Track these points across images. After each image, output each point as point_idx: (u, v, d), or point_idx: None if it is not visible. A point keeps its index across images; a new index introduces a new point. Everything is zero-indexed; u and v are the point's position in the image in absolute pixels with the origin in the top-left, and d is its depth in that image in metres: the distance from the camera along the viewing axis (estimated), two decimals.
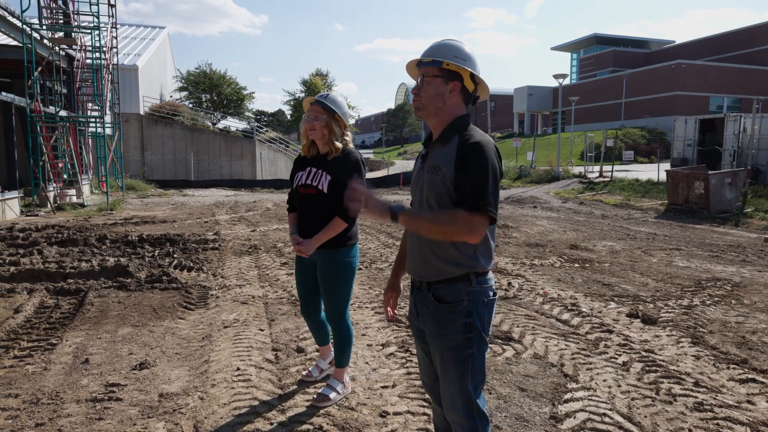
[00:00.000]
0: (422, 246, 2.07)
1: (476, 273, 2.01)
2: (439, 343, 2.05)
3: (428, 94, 2.04)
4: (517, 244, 9.05)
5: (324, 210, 3.02)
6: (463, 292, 2.00)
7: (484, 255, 2.01)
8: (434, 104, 2.04)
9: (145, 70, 31.17)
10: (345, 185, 2.92)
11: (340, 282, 3.07)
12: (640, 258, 7.92)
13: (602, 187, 19.52)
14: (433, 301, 2.04)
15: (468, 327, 2.00)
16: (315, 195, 3.03)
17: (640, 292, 5.90)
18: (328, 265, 3.07)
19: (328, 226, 2.99)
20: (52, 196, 14.82)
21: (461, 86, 2.03)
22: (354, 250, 3.13)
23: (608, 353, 4.01)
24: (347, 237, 3.07)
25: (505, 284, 6.13)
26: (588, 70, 63.69)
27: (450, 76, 2.02)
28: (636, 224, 11.86)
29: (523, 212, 14.18)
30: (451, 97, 2.03)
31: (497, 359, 3.89)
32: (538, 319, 4.81)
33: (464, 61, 2.02)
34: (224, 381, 3.49)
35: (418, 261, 2.10)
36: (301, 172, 3.16)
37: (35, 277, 6.56)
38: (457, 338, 2.00)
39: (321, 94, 3.12)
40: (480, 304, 2.02)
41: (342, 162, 3.02)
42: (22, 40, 14.38)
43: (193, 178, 28.18)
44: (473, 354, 2.01)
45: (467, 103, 2.09)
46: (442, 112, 2.05)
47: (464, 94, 2.06)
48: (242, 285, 6.09)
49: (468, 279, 2.00)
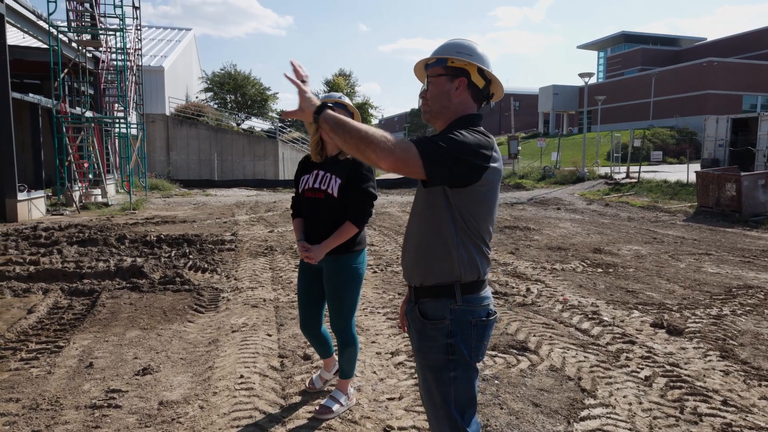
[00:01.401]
0: (412, 248, 1.94)
1: (462, 285, 1.84)
2: (420, 360, 1.92)
3: (433, 93, 1.90)
4: (539, 248, 8.81)
5: (333, 215, 2.88)
6: (446, 309, 1.84)
7: (464, 263, 1.83)
8: (439, 103, 1.89)
9: (171, 72, 31.58)
10: (356, 189, 2.80)
11: (346, 289, 2.94)
12: (667, 263, 7.62)
13: (629, 189, 19.03)
14: (418, 315, 1.91)
15: (449, 348, 1.84)
16: (324, 199, 2.89)
17: (666, 299, 5.63)
18: (335, 272, 2.94)
19: (338, 232, 2.85)
20: (78, 195, 15.06)
21: (468, 82, 1.88)
22: (361, 256, 3.00)
23: (630, 366, 3.79)
24: (355, 242, 2.94)
25: (524, 290, 5.92)
26: (615, 69, 62.46)
27: (455, 73, 1.88)
28: (663, 227, 11.47)
29: (546, 214, 13.87)
30: (458, 94, 1.88)
31: (511, 371, 3.71)
32: (556, 328, 4.61)
33: (470, 56, 1.87)
34: (226, 389, 3.39)
35: (405, 259, 1.98)
36: (306, 175, 3.02)
37: (52, 276, 6.60)
38: (437, 359, 1.85)
39: (332, 94, 2.99)
40: (466, 325, 1.84)
41: (353, 164, 2.88)
42: (48, 43, 14.65)
43: (217, 178, 28.46)
44: (456, 378, 1.84)
45: (478, 101, 1.93)
46: (447, 111, 1.90)
47: (473, 90, 1.90)
48: (254, 287, 6.02)
49: (453, 294, 1.84)
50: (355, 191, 2.85)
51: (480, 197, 1.81)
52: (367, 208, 2.87)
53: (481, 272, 1.88)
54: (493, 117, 69.55)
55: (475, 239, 1.84)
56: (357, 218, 2.85)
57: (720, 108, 39.03)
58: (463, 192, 1.77)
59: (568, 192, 19.95)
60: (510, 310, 5.16)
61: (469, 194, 1.78)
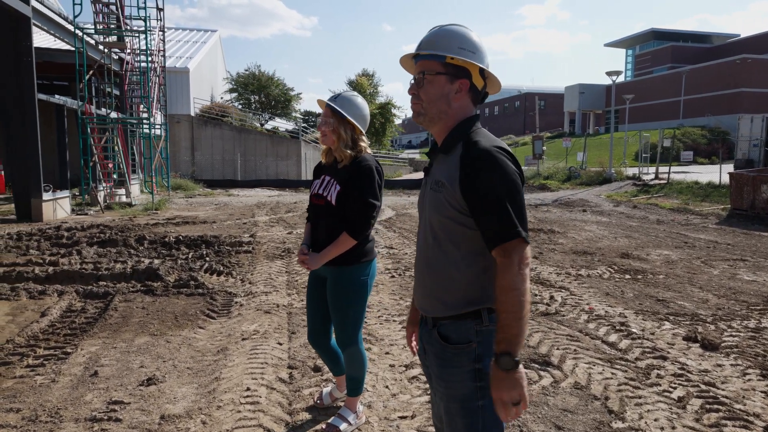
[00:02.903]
0: (425, 275, 1.73)
1: (489, 309, 1.66)
2: (444, 390, 1.71)
3: (430, 95, 1.67)
4: (563, 252, 8.51)
5: (332, 223, 2.72)
6: (472, 331, 1.65)
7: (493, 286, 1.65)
8: (437, 107, 1.67)
9: (196, 73, 31.89)
10: (355, 198, 2.64)
11: (351, 303, 2.76)
12: (700, 269, 7.25)
13: (658, 190, 18.45)
14: (438, 339, 1.70)
15: (477, 374, 1.65)
16: (324, 206, 2.75)
17: (699, 310, 5.32)
18: (339, 284, 2.77)
19: (336, 242, 2.69)
20: (102, 195, 15.23)
21: (470, 84, 1.66)
22: (368, 268, 2.81)
23: (661, 385, 3.53)
24: (361, 253, 2.76)
25: (547, 298, 5.67)
26: (644, 67, 61.03)
27: (456, 72, 1.65)
28: (695, 231, 11.01)
29: (572, 216, 13.49)
30: (458, 98, 1.67)
31: (533, 387, 3.48)
32: (581, 341, 4.36)
33: (473, 54, 1.64)
34: (231, 403, 3.25)
35: (421, 292, 1.77)
36: (317, 180, 2.90)
37: (69, 278, 6.59)
38: (464, 387, 1.66)
39: (333, 94, 2.80)
40: (494, 347, 1.67)
41: (352, 171, 2.71)
42: (74, 45, 14.84)
43: (240, 178, 28.62)
44: (484, 406, 1.64)
45: (476, 103, 1.72)
46: (446, 117, 1.68)
47: (473, 93, 1.69)
48: (269, 292, 5.89)
49: (479, 316, 1.65)
50: (354, 200, 2.68)
51: None
52: (365, 219, 2.67)
53: None
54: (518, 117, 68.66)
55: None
56: (353, 229, 2.67)
57: (755, 106, 37.75)
58: None
59: (594, 193, 19.46)
60: (533, 320, 4.92)
61: None
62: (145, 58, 17.70)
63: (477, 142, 1.62)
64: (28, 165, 11.80)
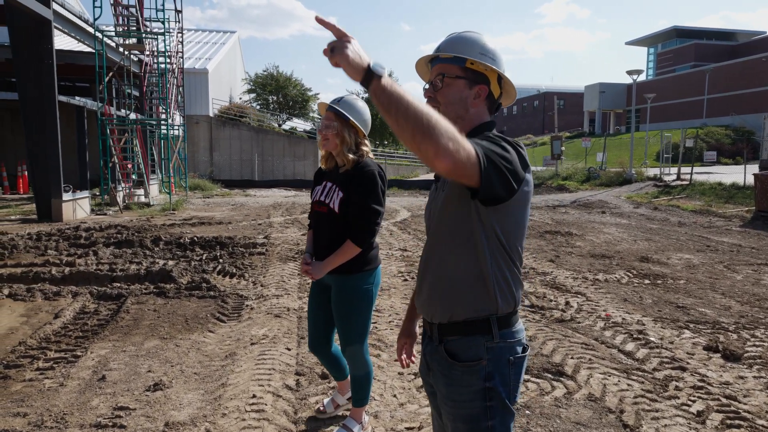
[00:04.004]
0: (429, 279, 1.67)
1: (498, 318, 1.58)
2: (451, 410, 1.64)
3: (448, 98, 1.61)
4: (581, 255, 8.35)
5: (335, 231, 2.67)
6: (482, 348, 1.58)
7: (503, 292, 1.58)
8: (454, 111, 1.61)
9: (215, 74, 32.17)
10: (358, 204, 2.58)
11: (355, 312, 2.70)
12: (722, 274, 7.04)
13: (680, 191, 18.06)
14: (444, 356, 1.63)
15: (488, 393, 1.57)
16: (327, 214, 2.70)
17: (721, 317, 5.14)
18: (343, 293, 2.72)
19: (339, 251, 2.63)
20: (121, 195, 15.42)
21: (488, 91, 1.62)
22: (373, 276, 2.75)
23: (679, 398, 3.40)
24: (365, 261, 2.70)
25: (563, 303, 5.54)
26: (666, 65, 59.92)
27: (475, 78, 1.60)
28: (718, 233, 10.73)
29: (590, 218, 13.26)
30: (476, 104, 1.62)
31: (544, 399, 3.38)
32: (596, 350, 4.23)
33: (493, 60, 1.59)
34: (236, 410, 3.21)
35: (424, 297, 1.71)
36: (318, 186, 2.85)
37: (85, 279, 6.65)
38: (473, 406, 1.59)
39: (335, 98, 2.74)
40: (504, 364, 1.59)
41: (354, 177, 2.65)
42: (94, 47, 15.05)
43: (257, 178, 28.81)
44: (494, 427, 1.58)
45: (492, 112, 1.67)
46: (462, 122, 1.62)
47: (489, 101, 1.64)
48: (280, 295, 5.86)
49: (488, 329, 1.58)
50: (357, 207, 2.62)
51: (516, 212, 1.55)
52: (369, 226, 2.62)
53: (518, 301, 1.63)
54: (536, 116, 67.98)
55: (510, 263, 1.59)
56: (357, 237, 2.61)
57: None
58: (496, 209, 1.50)
59: (613, 194, 19.13)
60: (547, 326, 4.81)
61: (504, 210, 1.51)
62: (160, 60, 17.88)
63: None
64: (49, 166, 11.98)
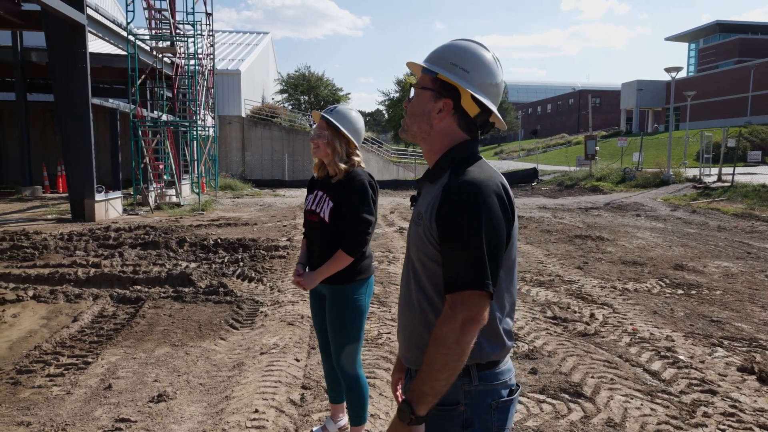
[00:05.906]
0: (405, 321, 1.53)
1: (479, 365, 1.43)
2: None
3: (413, 110, 1.50)
4: (611, 261, 8.03)
5: (326, 240, 2.63)
6: (459, 391, 1.43)
7: (489, 338, 1.43)
8: (417, 125, 1.49)
9: (247, 75, 32.59)
10: (349, 214, 2.52)
11: (347, 323, 2.66)
12: (763, 285, 6.64)
13: (720, 194, 17.32)
14: None
15: None
16: (318, 223, 2.67)
17: (760, 334, 4.82)
18: (335, 303, 2.68)
19: (331, 260, 2.59)
20: (153, 196, 15.71)
21: (454, 105, 1.45)
22: (364, 286, 2.70)
23: (707, 426, 3.16)
24: (356, 271, 2.65)
25: (587, 315, 5.30)
26: (708, 62, 57.80)
27: (442, 90, 1.45)
28: (760, 239, 10.19)
29: (624, 221, 12.81)
30: (440, 119, 1.47)
31: (559, 423, 3.19)
32: (620, 368, 4.00)
33: (465, 73, 1.43)
34: (237, 426, 3.13)
35: (402, 339, 1.57)
36: (310, 195, 2.82)
37: (107, 281, 6.73)
38: None
39: (328, 107, 2.70)
40: (485, 409, 1.43)
41: (345, 186, 2.61)
42: (127, 50, 15.37)
43: (287, 178, 29.05)
44: None
45: (469, 130, 1.49)
46: (429, 138, 1.49)
47: (461, 117, 1.47)
48: (295, 302, 5.79)
49: (467, 373, 1.43)
50: (348, 216, 2.58)
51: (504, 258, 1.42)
52: (361, 236, 2.57)
53: (506, 349, 1.48)
54: (572, 115, 66.57)
55: (498, 309, 1.44)
56: (348, 247, 2.56)
57: None
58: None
59: (650, 196, 18.49)
60: (568, 341, 4.59)
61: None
62: (191, 62, 18.18)
63: (466, 171, 1.40)
64: (82, 167, 12.28)
